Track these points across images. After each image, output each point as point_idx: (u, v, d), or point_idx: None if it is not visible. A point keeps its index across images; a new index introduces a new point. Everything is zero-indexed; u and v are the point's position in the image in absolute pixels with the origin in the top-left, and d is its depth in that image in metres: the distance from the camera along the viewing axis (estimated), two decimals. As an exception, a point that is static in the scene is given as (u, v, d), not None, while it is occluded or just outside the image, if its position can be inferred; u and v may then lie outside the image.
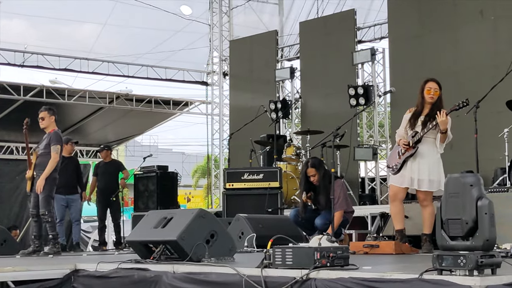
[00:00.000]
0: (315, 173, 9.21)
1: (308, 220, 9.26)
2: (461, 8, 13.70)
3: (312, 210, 9.33)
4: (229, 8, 19.25)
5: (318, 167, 9.26)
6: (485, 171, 10.42)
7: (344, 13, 16.10)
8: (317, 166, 9.26)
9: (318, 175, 9.20)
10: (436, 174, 7.83)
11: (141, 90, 19.71)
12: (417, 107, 8.04)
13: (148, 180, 13.91)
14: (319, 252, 5.02)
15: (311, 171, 9.24)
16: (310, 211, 9.32)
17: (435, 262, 4.47)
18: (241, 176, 11.63)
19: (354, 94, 14.77)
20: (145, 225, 6.89)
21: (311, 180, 9.25)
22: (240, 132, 14.18)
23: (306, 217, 9.27)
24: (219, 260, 6.23)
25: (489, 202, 4.53)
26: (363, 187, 14.95)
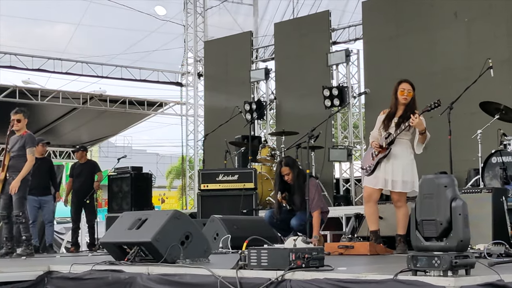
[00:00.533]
0: (289, 172, 9.21)
1: (284, 221, 9.26)
2: (435, 10, 13.78)
3: (287, 211, 9.33)
4: (204, 9, 19.22)
5: (292, 165, 9.27)
6: (459, 172, 10.49)
7: (319, 15, 16.13)
8: (291, 165, 9.27)
9: (292, 174, 9.20)
10: (409, 175, 7.87)
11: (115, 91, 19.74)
12: (390, 109, 8.07)
13: (122, 181, 13.84)
14: (294, 253, 5.02)
15: (285, 169, 9.24)
16: (285, 212, 9.33)
17: (410, 262, 4.48)
18: (216, 177, 11.61)
19: (328, 95, 14.80)
20: (119, 227, 6.85)
21: (285, 179, 9.26)
22: (214, 133, 14.17)
23: (281, 218, 9.27)
24: (194, 262, 6.21)
25: (463, 203, 4.55)
26: (337, 188, 14.98)
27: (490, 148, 9.89)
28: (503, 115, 10.07)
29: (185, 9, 19.29)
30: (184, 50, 19.49)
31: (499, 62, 10.81)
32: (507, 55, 12.08)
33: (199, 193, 11.77)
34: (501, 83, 11.70)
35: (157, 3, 18.98)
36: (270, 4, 18.02)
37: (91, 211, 13.22)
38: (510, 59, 12.01)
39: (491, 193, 8.57)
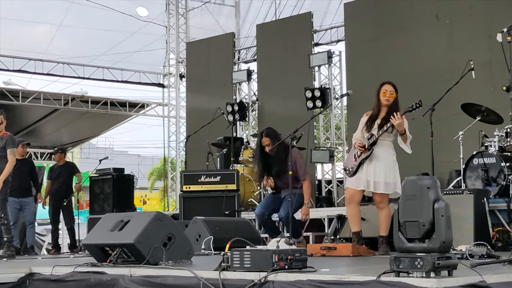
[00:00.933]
0: (269, 143, 9.18)
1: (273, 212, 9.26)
2: (417, 11, 13.83)
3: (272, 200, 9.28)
4: (186, 10, 19.20)
5: (273, 136, 9.20)
6: (441, 173, 10.52)
7: (301, 16, 16.15)
8: (271, 136, 9.21)
9: (272, 144, 9.16)
10: (392, 177, 7.90)
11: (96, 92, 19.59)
12: (373, 110, 8.10)
13: (104, 183, 13.80)
14: (277, 255, 5.02)
15: (266, 140, 9.20)
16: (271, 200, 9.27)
17: (393, 264, 4.49)
18: (198, 178, 11.59)
19: (311, 96, 14.81)
20: (101, 228, 6.82)
21: (266, 151, 9.23)
22: (197, 135, 14.15)
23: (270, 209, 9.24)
24: (177, 263, 6.20)
25: (446, 204, 4.57)
26: (320, 189, 14.99)
27: (471, 150, 9.93)
28: (485, 117, 10.12)
29: (167, 10, 19.25)
30: (166, 51, 19.45)
31: (480, 64, 10.86)
32: (488, 57, 12.13)
33: (181, 194, 11.74)
34: (483, 84, 11.75)
35: (139, 4, 18.93)
36: (252, 6, 18.02)
37: (69, 213, 13.18)
38: (491, 61, 12.05)
39: (472, 194, 8.62)
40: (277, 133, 9.32)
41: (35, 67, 17.65)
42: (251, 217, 11.79)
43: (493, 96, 11.73)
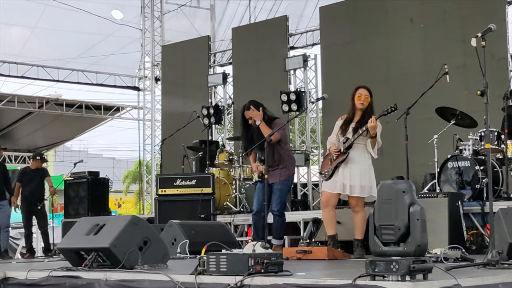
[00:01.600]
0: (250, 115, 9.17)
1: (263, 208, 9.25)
2: (392, 15, 13.90)
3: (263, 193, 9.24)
4: (161, 13, 19.15)
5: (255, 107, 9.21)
6: (415, 176, 10.59)
7: (277, 20, 16.17)
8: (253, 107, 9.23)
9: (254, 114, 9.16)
10: (367, 180, 7.93)
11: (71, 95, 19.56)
12: (348, 114, 8.13)
13: (78, 186, 13.73)
14: (253, 259, 5.02)
15: (247, 113, 9.20)
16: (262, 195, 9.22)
17: (368, 267, 4.51)
18: (173, 182, 11.56)
19: (286, 100, 14.84)
20: (76, 232, 6.78)
21: (250, 123, 9.22)
22: (172, 138, 14.12)
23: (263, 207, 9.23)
24: (153, 267, 6.18)
25: (421, 208, 4.60)
26: (295, 192, 15.01)
27: (446, 153, 10.00)
28: (459, 121, 10.20)
29: (142, 13, 19.18)
30: (141, 54, 19.38)
31: (454, 67, 10.93)
32: (462, 60, 12.22)
33: (157, 198, 11.71)
34: (457, 88, 11.84)
35: (114, 7, 18.86)
36: (228, 9, 18.01)
37: (43, 216, 13.10)
38: (465, 64, 12.15)
39: (447, 197, 8.68)
40: (260, 104, 9.31)
41: (9, 69, 17.53)
42: (227, 220, 11.81)
43: (468, 100, 11.83)
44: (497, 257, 5.45)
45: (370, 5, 14.29)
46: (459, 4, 13.08)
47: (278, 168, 8.98)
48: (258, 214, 9.20)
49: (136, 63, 19.55)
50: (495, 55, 11.97)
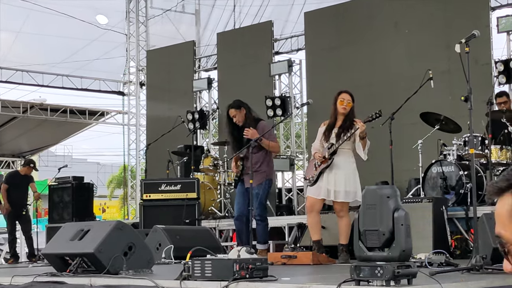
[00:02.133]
0: (235, 113, 9.28)
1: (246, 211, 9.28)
2: (376, 21, 13.95)
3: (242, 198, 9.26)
4: (146, 18, 19.13)
5: (238, 107, 9.31)
6: (400, 181, 10.62)
7: (262, 25, 16.19)
8: (237, 106, 9.31)
9: (240, 113, 9.26)
10: (352, 185, 7.95)
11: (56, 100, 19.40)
12: (330, 119, 8.16)
13: (63, 191, 13.69)
14: (238, 264, 5.03)
15: (232, 111, 9.32)
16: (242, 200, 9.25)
17: (353, 272, 4.53)
18: (158, 187, 11.54)
19: (271, 105, 14.86)
20: (61, 237, 6.77)
21: (235, 122, 9.29)
22: (157, 143, 14.10)
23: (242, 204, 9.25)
24: (137, 272, 6.17)
25: (405, 213, 4.62)
26: (280, 197, 15.02)
27: (430, 158, 10.04)
28: (443, 126, 10.24)
29: (127, 18, 19.16)
30: (126, 59, 19.35)
31: (439, 73, 10.99)
32: (447, 66, 12.28)
33: (141, 203, 11.69)
34: (441, 94, 11.88)
35: (99, 12, 18.83)
36: (213, 14, 18.02)
37: (27, 222, 13.06)
38: (449, 70, 12.20)
39: (431, 202, 8.72)
40: (243, 102, 9.42)
41: (-7, 74, 17.47)
42: (212, 225, 11.80)
43: (452, 105, 11.87)
44: (481, 262, 5.48)
45: (355, 11, 14.33)
46: (444, 10, 13.15)
47: (255, 172, 9.02)
48: (240, 219, 9.24)
49: (121, 68, 19.53)
50: (479, 61, 12.03)
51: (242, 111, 9.27)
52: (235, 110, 9.30)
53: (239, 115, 9.25)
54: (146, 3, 19.06)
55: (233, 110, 9.32)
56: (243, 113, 9.27)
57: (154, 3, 19.03)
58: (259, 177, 9.00)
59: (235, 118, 9.28)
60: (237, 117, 9.26)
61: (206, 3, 18.16)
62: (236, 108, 9.31)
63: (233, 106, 9.35)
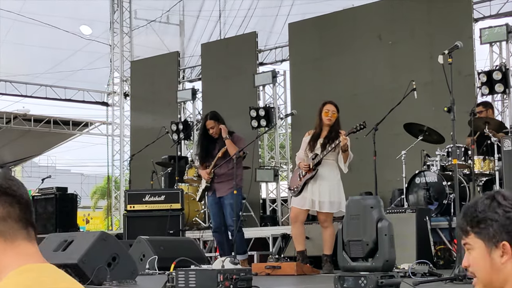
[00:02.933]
0: (214, 125, 9.28)
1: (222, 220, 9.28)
2: (360, 32, 14.00)
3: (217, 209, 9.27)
4: (130, 28, 19.12)
5: (217, 119, 9.32)
6: (383, 192, 10.64)
7: (246, 36, 16.22)
8: (216, 118, 9.32)
9: (217, 126, 9.28)
10: (336, 196, 7.97)
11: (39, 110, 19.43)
12: (315, 130, 8.18)
13: (46, 202, 13.65)
14: (222, 275, 5.03)
15: (210, 123, 9.32)
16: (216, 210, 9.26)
17: (337, 283, 4.54)
18: (142, 197, 11.52)
19: (255, 116, 14.87)
20: (45, 248, 6.73)
21: (210, 133, 9.30)
22: (141, 153, 14.06)
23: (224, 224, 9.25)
24: (121, 283, 6.16)
25: (389, 223, 4.64)
26: (264, 208, 15.02)
27: (414, 169, 10.08)
28: (427, 136, 10.29)
29: (111, 29, 19.14)
30: (110, 70, 19.33)
31: (422, 84, 11.04)
32: (430, 77, 12.33)
33: (125, 213, 11.66)
34: (425, 105, 11.94)
35: (82, 22, 18.81)
36: (197, 25, 18.03)
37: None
38: (433, 81, 12.25)
39: (415, 213, 8.75)
40: (221, 117, 9.43)
41: (-23, 85, 17.41)
42: (196, 236, 11.78)
43: (435, 116, 11.91)
44: (464, 272, 5.50)
45: (339, 22, 14.39)
46: (427, 21, 13.23)
47: (225, 181, 9.05)
48: (218, 230, 9.27)
49: (105, 78, 19.49)
50: (462, 72, 12.11)
51: (219, 123, 9.29)
52: (214, 122, 9.33)
53: (217, 127, 9.28)
54: (130, 14, 19.05)
55: (211, 121, 9.34)
56: (218, 127, 9.28)
57: (138, 14, 19.01)
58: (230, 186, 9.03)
59: (212, 130, 9.30)
60: (214, 128, 9.28)
61: (190, 14, 18.17)
62: (215, 120, 9.33)
63: (212, 117, 9.36)
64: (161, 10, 18.21)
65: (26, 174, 36.73)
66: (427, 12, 13.25)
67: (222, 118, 9.43)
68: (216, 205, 9.29)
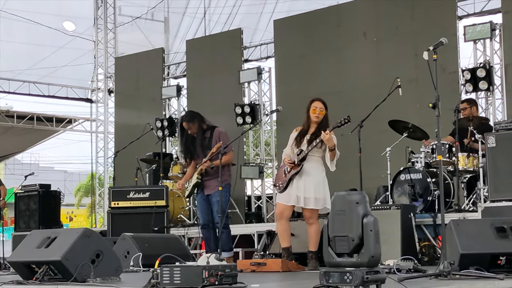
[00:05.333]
0: (189, 126, 9.36)
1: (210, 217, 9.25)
2: (345, 29, 14.02)
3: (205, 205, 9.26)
4: (115, 25, 19.04)
5: (190, 119, 9.36)
6: (368, 189, 10.64)
7: (231, 32, 16.19)
8: (189, 119, 9.36)
9: (193, 126, 9.33)
10: (321, 192, 7.96)
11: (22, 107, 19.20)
12: (303, 126, 8.16)
13: (29, 199, 13.56)
14: (207, 271, 5.00)
15: (185, 125, 9.40)
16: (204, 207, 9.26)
17: (322, 278, 4.52)
18: (126, 194, 11.48)
19: (240, 112, 14.86)
20: (27, 245, 6.68)
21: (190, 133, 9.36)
22: (125, 150, 14.00)
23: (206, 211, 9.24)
24: (105, 280, 6.11)
25: (374, 219, 4.62)
26: (249, 205, 15.02)
27: (398, 166, 10.10)
28: (411, 133, 10.31)
29: (95, 25, 19.06)
30: (94, 66, 19.24)
31: (407, 81, 11.05)
32: (415, 74, 12.38)
33: (110, 210, 11.61)
34: (409, 101, 11.96)
35: (66, 19, 18.71)
36: (183, 22, 17.99)
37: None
38: (417, 78, 12.30)
39: (399, 209, 8.77)
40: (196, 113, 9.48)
41: (-41, 81, 17.30)
42: (181, 233, 11.76)
43: (420, 113, 11.97)
44: (448, 268, 5.51)
45: (324, 19, 14.39)
46: (411, 18, 13.26)
47: (213, 179, 9.05)
48: (206, 227, 9.27)
49: (89, 75, 19.41)
50: (447, 69, 12.15)
51: (195, 123, 9.32)
52: (188, 124, 9.39)
53: (193, 127, 9.36)
54: (115, 10, 18.98)
55: (185, 123, 9.43)
56: (196, 125, 9.32)
57: (122, 10, 18.94)
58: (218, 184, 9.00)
59: (190, 130, 9.36)
60: (191, 128, 9.34)
61: (175, 11, 18.12)
62: (188, 121, 9.39)
63: (185, 119, 9.46)
64: (146, 7, 18.15)
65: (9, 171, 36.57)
66: (412, 10, 13.28)
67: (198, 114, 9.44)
68: (204, 202, 9.31)
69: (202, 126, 9.36)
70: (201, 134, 9.31)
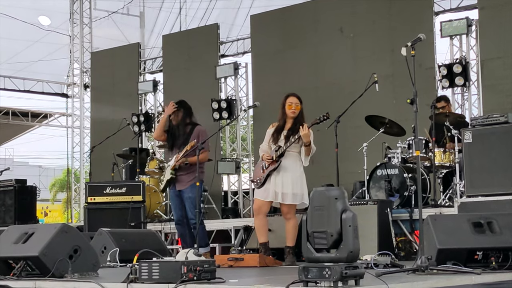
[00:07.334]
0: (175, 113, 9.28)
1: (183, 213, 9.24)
2: (321, 25, 14.05)
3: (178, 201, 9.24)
4: (91, 19, 18.93)
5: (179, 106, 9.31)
6: (345, 184, 10.66)
7: (208, 27, 16.17)
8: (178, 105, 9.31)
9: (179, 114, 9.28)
10: (299, 188, 7.97)
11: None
12: (279, 122, 8.17)
13: (5, 194, 13.46)
14: (186, 266, 5.01)
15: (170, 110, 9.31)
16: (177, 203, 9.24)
17: (301, 274, 4.54)
18: (103, 190, 11.44)
19: (217, 108, 14.86)
20: (4, 241, 6.64)
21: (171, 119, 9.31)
22: (101, 145, 13.92)
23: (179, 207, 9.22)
24: (83, 276, 6.10)
25: (353, 214, 4.65)
26: (226, 200, 15.02)
27: (375, 161, 10.14)
28: (388, 129, 10.36)
29: (71, 19, 18.94)
30: (70, 61, 19.12)
31: (383, 77, 11.10)
32: (391, 70, 12.44)
33: (86, 206, 11.57)
34: (386, 97, 12.03)
35: (41, 13, 18.58)
36: (159, 17, 17.93)
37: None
38: (394, 74, 12.36)
39: (376, 205, 8.81)
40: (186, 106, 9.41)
41: None
42: (157, 228, 11.72)
43: (396, 108, 12.04)
44: (426, 262, 5.54)
45: (301, 15, 14.41)
46: (388, 14, 13.31)
47: (185, 174, 9.04)
48: (180, 223, 9.24)
49: (65, 69, 19.28)
50: (423, 65, 12.21)
51: (180, 112, 9.26)
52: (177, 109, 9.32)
53: (178, 115, 9.25)
54: (90, 5, 18.87)
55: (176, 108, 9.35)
56: (180, 115, 9.26)
57: (98, 5, 18.85)
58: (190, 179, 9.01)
59: (173, 116, 9.27)
60: (176, 115, 9.27)
61: (151, 6, 18.06)
62: (178, 106, 9.31)
63: (177, 103, 9.35)
64: (122, 2, 18.07)
65: (-17, 167, 36.30)
66: (388, 6, 13.33)
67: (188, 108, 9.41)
68: (176, 197, 9.27)
69: (185, 119, 9.26)
70: (183, 127, 9.24)
